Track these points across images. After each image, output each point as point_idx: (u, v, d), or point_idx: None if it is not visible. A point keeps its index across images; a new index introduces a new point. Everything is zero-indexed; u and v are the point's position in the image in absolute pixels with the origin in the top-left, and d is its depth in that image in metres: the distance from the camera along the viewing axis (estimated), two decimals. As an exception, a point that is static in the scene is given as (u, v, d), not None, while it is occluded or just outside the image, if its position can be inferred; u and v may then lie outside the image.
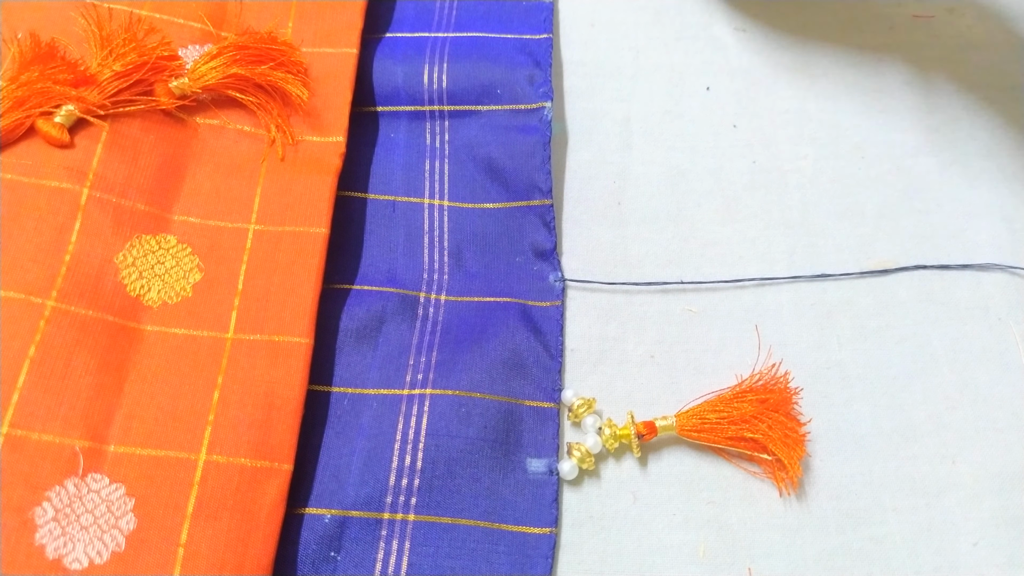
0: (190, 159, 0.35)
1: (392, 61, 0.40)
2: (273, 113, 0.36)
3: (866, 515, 0.33)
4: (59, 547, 0.27)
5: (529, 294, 0.36)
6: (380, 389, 0.33)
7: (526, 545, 0.31)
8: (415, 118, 0.40)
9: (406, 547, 0.30)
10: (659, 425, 0.33)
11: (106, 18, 0.35)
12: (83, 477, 0.28)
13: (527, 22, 0.42)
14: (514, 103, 0.39)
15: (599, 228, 0.39)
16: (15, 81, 0.32)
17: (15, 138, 0.32)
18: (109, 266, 0.31)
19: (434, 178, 0.38)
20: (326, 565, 0.30)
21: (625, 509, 0.33)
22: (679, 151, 0.41)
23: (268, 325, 0.32)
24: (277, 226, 0.34)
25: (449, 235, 0.37)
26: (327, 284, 0.34)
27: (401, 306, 0.35)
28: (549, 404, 0.34)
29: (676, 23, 0.45)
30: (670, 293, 0.37)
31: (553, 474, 0.32)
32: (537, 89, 0.39)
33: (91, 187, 0.32)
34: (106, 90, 0.34)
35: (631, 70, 0.43)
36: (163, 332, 0.31)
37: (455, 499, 0.31)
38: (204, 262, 0.33)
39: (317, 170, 0.35)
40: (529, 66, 0.39)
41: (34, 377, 0.28)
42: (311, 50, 0.38)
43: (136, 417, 0.29)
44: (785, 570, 0.32)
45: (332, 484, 0.31)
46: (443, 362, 0.33)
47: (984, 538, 0.33)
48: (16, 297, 0.29)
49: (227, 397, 0.30)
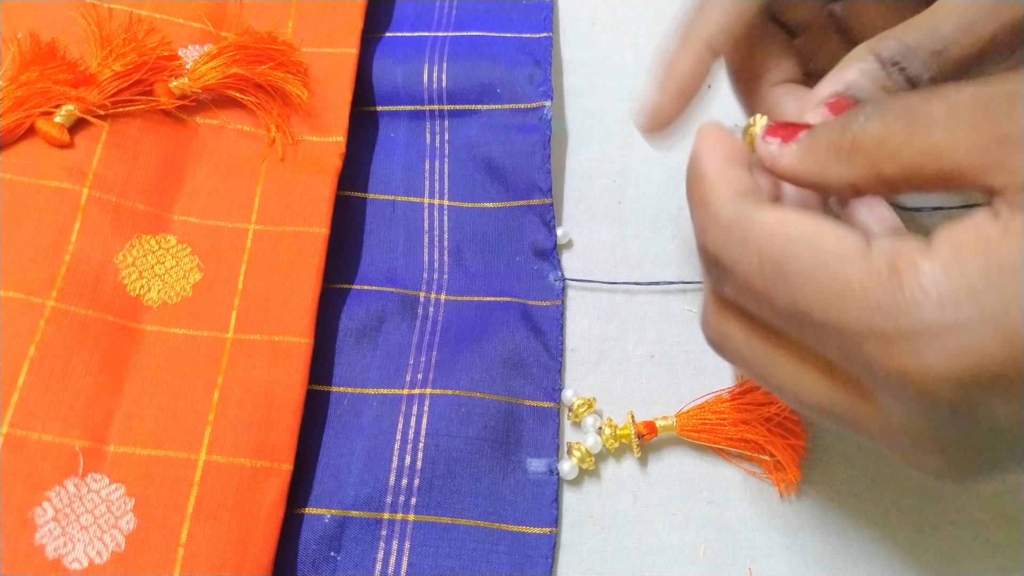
0: (190, 159, 0.35)
1: (392, 61, 0.40)
2: (273, 113, 0.36)
3: (866, 515, 0.33)
4: (59, 547, 0.27)
5: (529, 293, 0.36)
6: (380, 389, 0.33)
7: (526, 545, 0.31)
8: (415, 117, 0.40)
9: (406, 547, 0.30)
10: (659, 425, 0.33)
11: (106, 18, 0.35)
12: (83, 477, 0.28)
13: (527, 21, 0.41)
14: (514, 102, 0.39)
15: (599, 227, 0.39)
16: (15, 81, 0.32)
17: (15, 138, 0.32)
18: (109, 266, 0.32)
19: (434, 177, 0.38)
20: (326, 565, 0.30)
21: (625, 509, 0.33)
22: (680, 150, 0.41)
23: (268, 325, 0.32)
24: (277, 226, 0.34)
25: (449, 234, 0.37)
26: (327, 284, 0.34)
27: (401, 306, 0.35)
28: (549, 404, 0.34)
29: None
30: (670, 293, 0.37)
31: (553, 474, 0.32)
32: (537, 88, 0.39)
33: (91, 187, 0.32)
34: (106, 90, 0.34)
35: (632, 68, 0.43)
36: (163, 332, 0.31)
37: (455, 499, 0.31)
38: (204, 262, 0.33)
39: (317, 170, 0.35)
40: (529, 65, 0.39)
41: (34, 377, 0.28)
42: (311, 50, 0.38)
43: (136, 417, 0.29)
44: (785, 570, 0.32)
45: (332, 484, 0.31)
46: (443, 362, 0.33)
47: (984, 538, 0.33)
48: (16, 297, 0.29)
49: (227, 397, 0.30)
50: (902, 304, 0.20)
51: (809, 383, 0.23)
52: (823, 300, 0.21)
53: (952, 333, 0.19)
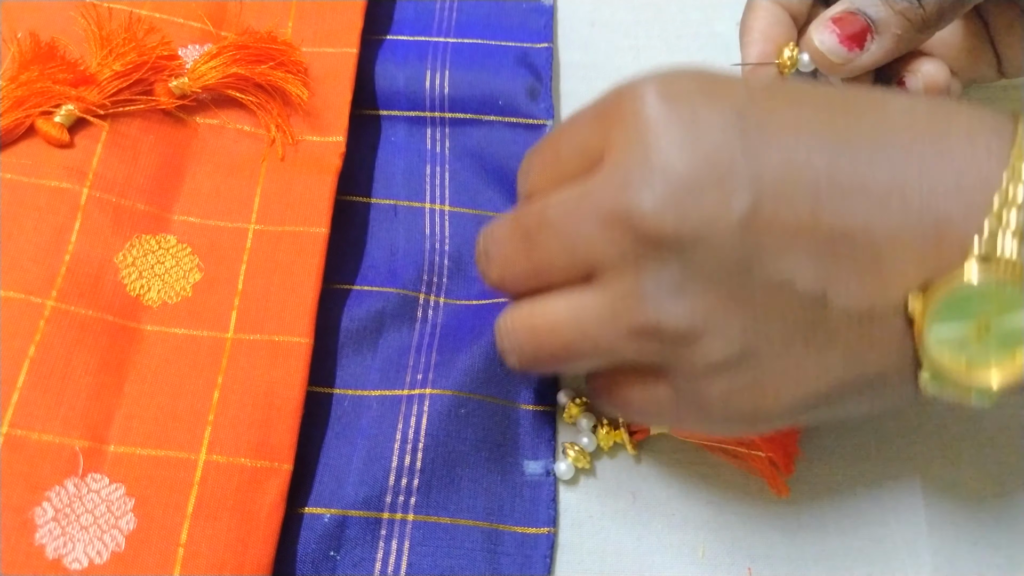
0: (190, 159, 0.35)
1: (393, 64, 0.40)
2: (273, 113, 0.36)
3: (866, 515, 0.33)
4: (59, 547, 0.27)
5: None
6: (380, 391, 0.33)
7: (525, 545, 0.31)
8: (416, 122, 0.40)
9: (405, 547, 0.30)
10: (654, 424, 0.33)
11: (106, 18, 0.35)
12: (83, 477, 0.28)
13: (527, 28, 0.41)
14: (516, 116, 0.39)
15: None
16: (15, 81, 0.32)
17: (15, 138, 0.32)
18: (109, 266, 0.31)
19: (435, 183, 0.38)
20: (326, 565, 0.30)
21: (624, 509, 0.33)
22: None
23: (268, 325, 0.32)
24: (277, 226, 0.34)
25: (450, 239, 0.37)
26: (327, 284, 0.34)
27: (401, 306, 0.35)
28: (545, 407, 0.34)
29: (677, 20, 0.45)
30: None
31: (550, 475, 0.32)
32: (539, 105, 0.39)
33: (91, 187, 0.32)
34: (106, 90, 0.34)
35: (632, 70, 0.43)
36: (163, 332, 0.31)
37: (455, 499, 0.31)
38: (204, 262, 0.33)
39: (317, 170, 0.35)
40: (530, 78, 0.39)
41: (34, 377, 0.28)
42: (311, 50, 0.38)
43: (136, 417, 0.29)
44: (785, 570, 0.32)
45: (332, 484, 0.31)
46: (442, 363, 0.33)
47: (984, 538, 0.33)
48: (16, 297, 0.29)
49: (227, 397, 0.30)
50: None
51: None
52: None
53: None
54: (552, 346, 0.27)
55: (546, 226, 0.26)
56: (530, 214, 0.27)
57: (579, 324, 0.26)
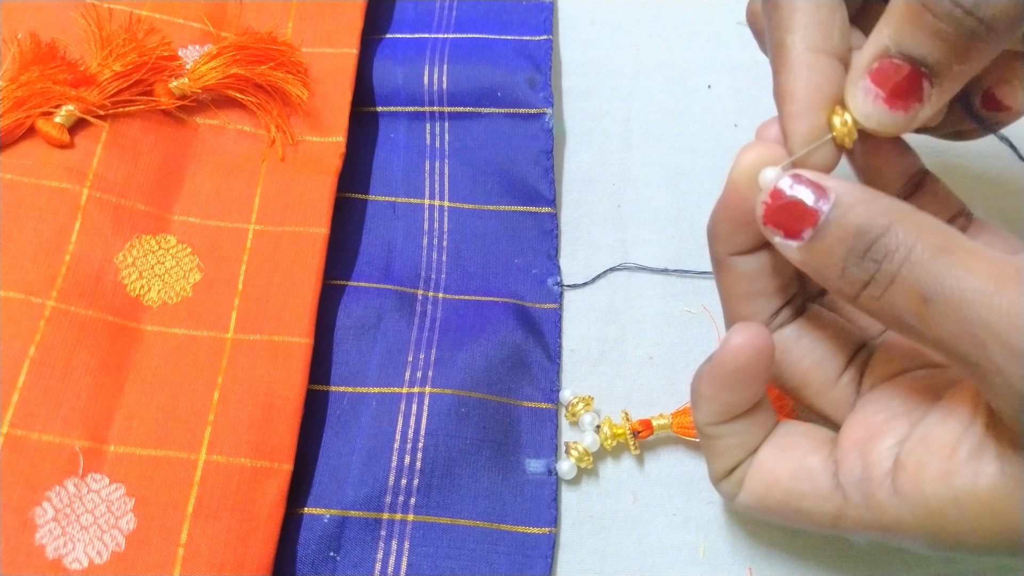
0: (190, 159, 0.35)
1: (392, 62, 0.40)
2: (273, 113, 0.36)
3: (866, 515, 0.33)
4: (59, 547, 0.27)
5: (528, 296, 0.36)
6: (379, 387, 0.33)
7: (526, 545, 0.31)
8: (415, 119, 0.40)
9: (405, 547, 0.30)
10: (656, 424, 0.33)
11: (106, 18, 0.35)
12: (83, 477, 0.28)
13: (527, 23, 0.41)
14: (515, 107, 0.39)
15: (599, 231, 0.39)
16: (15, 81, 0.33)
17: (15, 138, 0.32)
18: (109, 266, 0.32)
19: (434, 178, 0.38)
20: (326, 565, 0.30)
21: (625, 509, 0.33)
22: (680, 151, 0.41)
23: (268, 325, 0.32)
24: (277, 226, 0.34)
25: (449, 235, 0.37)
26: (324, 280, 0.34)
27: (399, 303, 0.35)
28: (547, 405, 0.34)
29: (677, 19, 0.45)
30: (669, 295, 0.37)
31: (552, 474, 0.32)
32: (538, 94, 0.39)
33: (91, 187, 0.32)
34: (106, 90, 0.34)
35: (632, 68, 0.43)
36: (163, 332, 0.31)
37: (454, 499, 0.31)
38: (204, 262, 0.33)
39: (317, 170, 0.35)
40: (529, 69, 0.39)
41: (34, 377, 0.28)
42: (311, 50, 0.38)
43: (136, 417, 0.29)
44: (785, 570, 0.32)
45: (331, 484, 0.31)
46: (442, 360, 0.33)
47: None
48: (16, 297, 0.29)
49: (227, 397, 0.30)
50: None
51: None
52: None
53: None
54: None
55: None
56: None
57: None
